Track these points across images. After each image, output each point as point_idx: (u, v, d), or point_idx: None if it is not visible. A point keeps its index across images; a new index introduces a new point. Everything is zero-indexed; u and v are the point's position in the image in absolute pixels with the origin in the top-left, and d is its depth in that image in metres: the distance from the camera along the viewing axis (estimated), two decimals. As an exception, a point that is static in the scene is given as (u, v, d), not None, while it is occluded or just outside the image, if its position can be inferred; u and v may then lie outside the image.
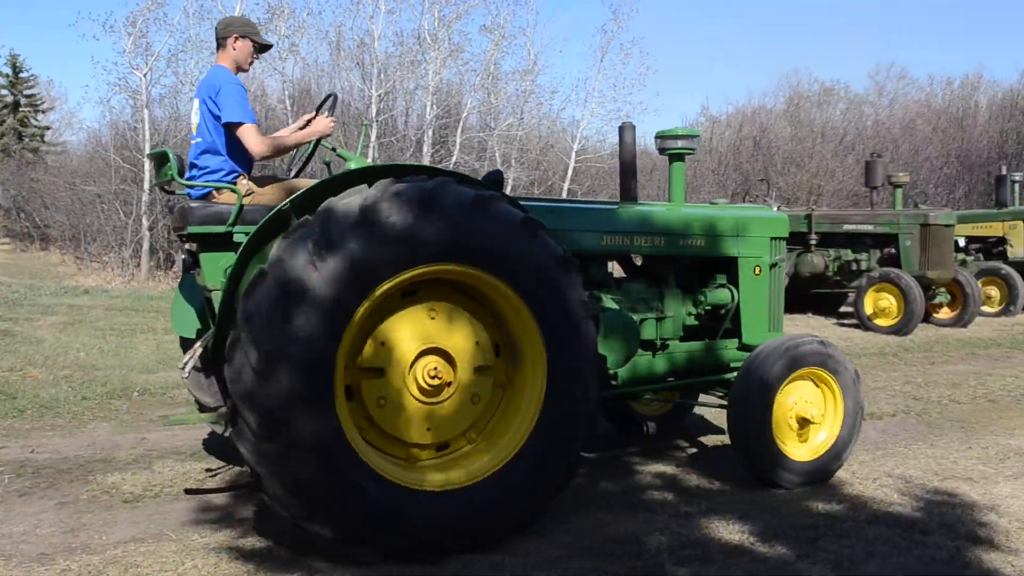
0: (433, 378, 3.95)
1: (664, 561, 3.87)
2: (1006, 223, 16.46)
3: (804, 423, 5.07)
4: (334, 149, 4.68)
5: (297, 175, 5.15)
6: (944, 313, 14.06)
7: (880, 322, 12.90)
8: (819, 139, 31.08)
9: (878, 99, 41.49)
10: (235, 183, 4.58)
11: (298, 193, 3.95)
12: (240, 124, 4.53)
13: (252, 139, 4.55)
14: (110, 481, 5.11)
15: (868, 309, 13.06)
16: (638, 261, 5.86)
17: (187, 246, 4.77)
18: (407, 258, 3.72)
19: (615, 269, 5.94)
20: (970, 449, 6.00)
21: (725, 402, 5.49)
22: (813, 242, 13.95)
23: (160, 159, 4.61)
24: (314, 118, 4.89)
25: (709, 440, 6.27)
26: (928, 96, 39.44)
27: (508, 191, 24.07)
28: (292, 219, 3.85)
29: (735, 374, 5.29)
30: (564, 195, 24.21)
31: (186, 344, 4.90)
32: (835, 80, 47.52)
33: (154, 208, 20.16)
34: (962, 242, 16.22)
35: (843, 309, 14.81)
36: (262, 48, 4.90)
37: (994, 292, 15.53)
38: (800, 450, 5.09)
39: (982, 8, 68.94)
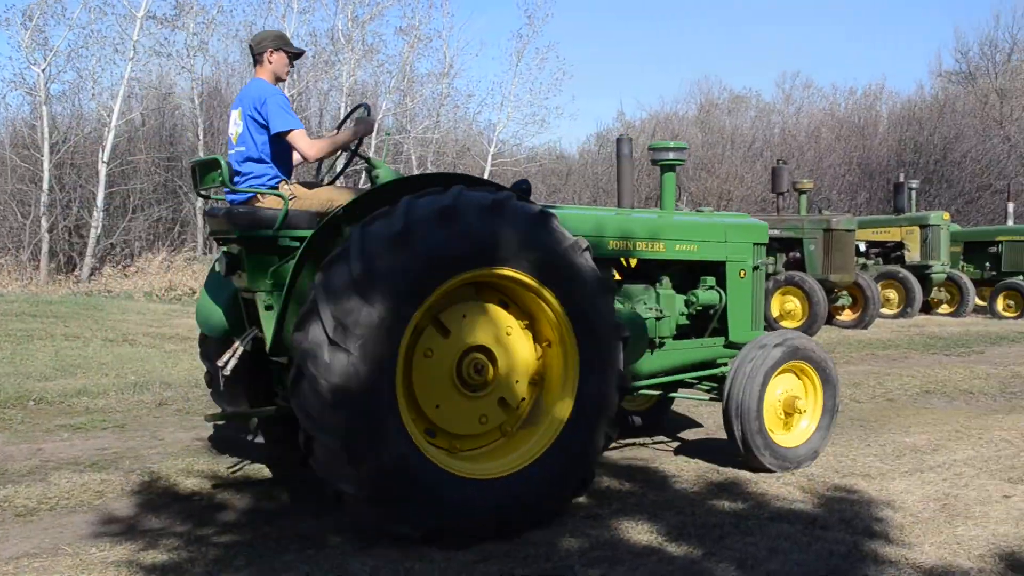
0: (477, 372, 4.28)
1: (574, 563, 3.90)
2: (904, 228, 17.20)
3: (789, 413, 5.60)
4: (367, 159, 5.02)
5: (332, 182, 5.45)
6: (846, 315, 14.61)
7: (786, 324, 13.30)
8: (729, 145, 31.92)
9: (786, 107, 42.85)
10: (277, 188, 4.76)
11: (350, 200, 4.26)
12: (290, 131, 4.75)
13: (303, 143, 4.80)
14: (2, 494, 4.88)
15: (774, 311, 13.46)
16: (631, 264, 6.06)
17: (226, 249, 4.86)
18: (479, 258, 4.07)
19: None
20: (868, 447, 6.23)
21: (708, 396, 6.03)
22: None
23: (210, 166, 4.75)
24: (340, 127, 5.29)
25: (622, 440, 6.36)
26: (832, 105, 40.88)
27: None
28: (343, 226, 4.17)
29: (721, 370, 5.86)
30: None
31: (208, 343, 5.18)
32: (747, 88, 48.95)
33: (53, 209, 19.38)
34: (863, 247, 16.89)
35: (751, 312, 15.20)
36: (295, 56, 5.11)
37: (892, 295, 16.22)
38: (786, 437, 5.58)
39: (886, 19, 71.77)
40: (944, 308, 17.62)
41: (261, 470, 5.42)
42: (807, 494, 5.03)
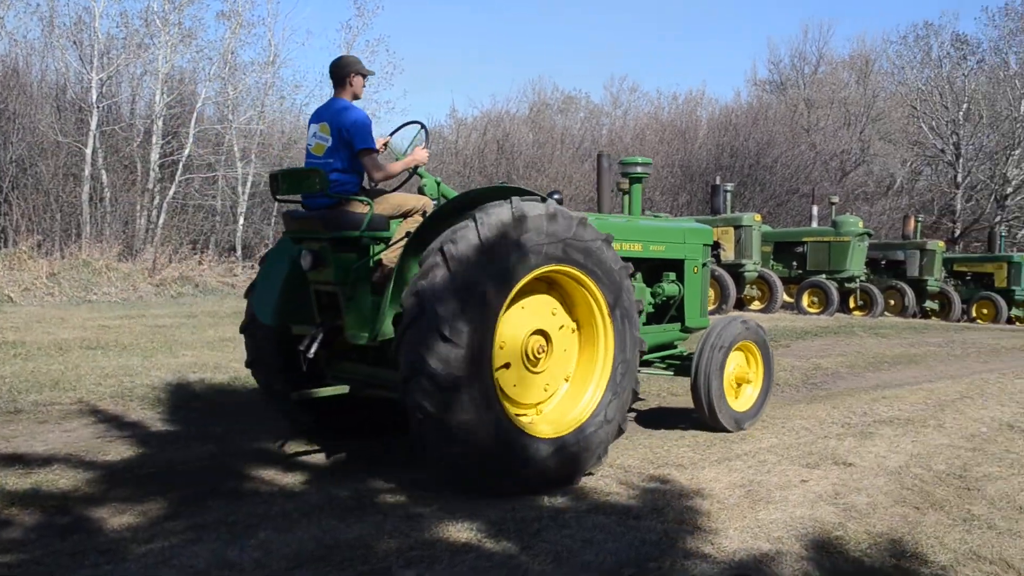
0: (538, 351, 5.22)
1: (391, 564, 3.87)
2: (719, 229, 18.18)
3: (739, 383, 7.02)
4: (420, 173, 5.88)
5: (395, 190, 6.13)
6: (667, 312, 15.29)
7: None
8: (559, 145, 32.67)
9: (614, 110, 44.43)
10: (359, 195, 5.49)
11: (437, 208, 5.11)
12: (368, 152, 5.46)
13: (373, 165, 5.50)
14: None
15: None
16: None
17: (307, 247, 5.44)
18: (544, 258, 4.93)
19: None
20: (682, 438, 6.54)
21: (671, 373, 7.26)
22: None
23: (302, 174, 5.38)
24: (389, 139, 6.33)
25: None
26: (656, 109, 42.77)
27: (247, 187, 23.00)
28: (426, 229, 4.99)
29: (680, 350, 7.30)
30: (307, 193, 23.65)
31: (258, 330, 5.81)
32: (577, 89, 50.31)
33: None
34: (682, 246, 17.67)
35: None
36: (366, 76, 5.82)
37: (709, 292, 17.12)
38: (737, 403, 6.97)
39: (706, 28, 75.65)
40: (755, 304, 18.78)
41: (57, 480, 5.06)
42: (623, 486, 5.21)
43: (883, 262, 22.20)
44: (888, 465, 5.85)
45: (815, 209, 22.45)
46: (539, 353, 5.25)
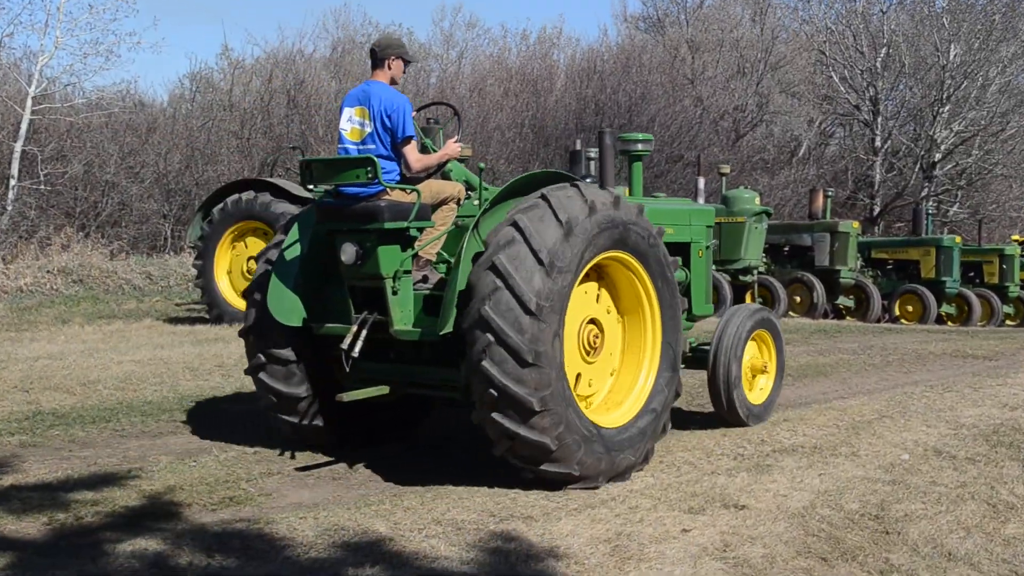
0: (594, 338, 6.76)
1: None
2: (582, 207, 18.52)
3: (755, 374, 8.74)
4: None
5: (427, 178, 7.21)
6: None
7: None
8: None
9: (445, 51, 44.62)
10: (400, 183, 6.79)
11: (504, 187, 6.86)
12: (410, 139, 6.86)
13: (414, 155, 6.89)
14: None
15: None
16: None
17: (346, 240, 6.58)
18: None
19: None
20: (533, 482, 6.62)
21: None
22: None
23: (356, 163, 6.52)
24: (416, 114, 7.34)
25: (233, 506, 6.25)
26: (502, 51, 43.23)
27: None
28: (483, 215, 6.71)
29: (689, 341, 8.53)
30: (17, 159, 22.50)
31: (272, 332, 6.91)
32: (396, 24, 50.17)
33: None
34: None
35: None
36: (408, 63, 7.20)
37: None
38: (752, 394, 8.64)
39: (559, -51, 77.01)
40: (630, 306, 19.26)
41: None
42: (454, 547, 5.26)
43: (786, 248, 23.18)
44: (789, 506, 6.14)
45: (701, 182, 23.10)
46: (594, 342, 6.69)
